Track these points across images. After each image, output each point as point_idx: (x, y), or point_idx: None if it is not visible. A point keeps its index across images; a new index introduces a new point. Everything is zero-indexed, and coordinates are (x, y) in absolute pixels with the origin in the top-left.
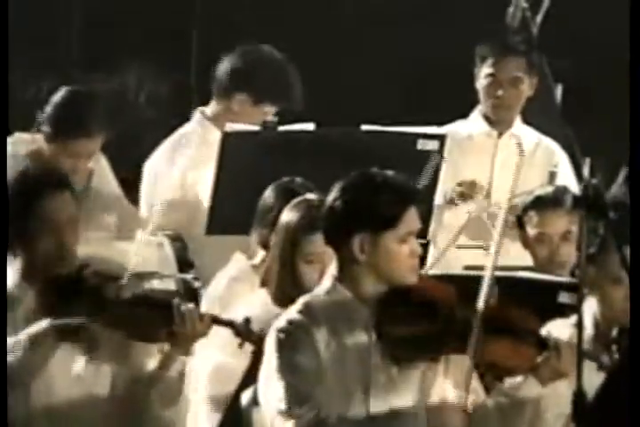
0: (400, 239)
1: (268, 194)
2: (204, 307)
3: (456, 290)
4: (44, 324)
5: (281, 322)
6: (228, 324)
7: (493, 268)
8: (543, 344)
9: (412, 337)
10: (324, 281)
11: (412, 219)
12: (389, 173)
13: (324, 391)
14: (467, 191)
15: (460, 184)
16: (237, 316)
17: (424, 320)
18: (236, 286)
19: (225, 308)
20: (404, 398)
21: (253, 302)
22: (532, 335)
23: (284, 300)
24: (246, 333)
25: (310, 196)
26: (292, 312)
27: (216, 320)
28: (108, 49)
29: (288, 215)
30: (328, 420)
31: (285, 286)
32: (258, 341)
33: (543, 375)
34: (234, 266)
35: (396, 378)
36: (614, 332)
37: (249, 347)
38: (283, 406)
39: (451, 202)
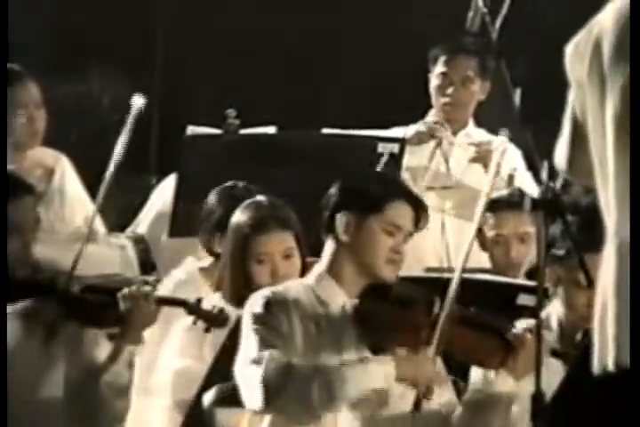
0: (384, 228)
1: (211, 199)
2: None
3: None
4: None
5: (264, 291)
6: (180, 303)
7: (462, 268)
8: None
9: (388, 328)
10: (313, 271)
11: (400, 212)
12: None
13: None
14: (480, 156)
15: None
16: (189, 322)
17: (401, 313)
18: (183, 288)
19: (167, 310)
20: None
21: None
22: (498, 330)
23: (237, 300)
24: (198, 310)
25: (260, 197)
26: (276, 287)
27: (167, 300)
28: (71, 52)
29: (238, 217)
30: (298, 365)
31: (238, 286)
32: (211, 318)
33: (517, 370)
34: (183, 269)
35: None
36: (578, 336)
37: (209, 351)
38: (254, 353)
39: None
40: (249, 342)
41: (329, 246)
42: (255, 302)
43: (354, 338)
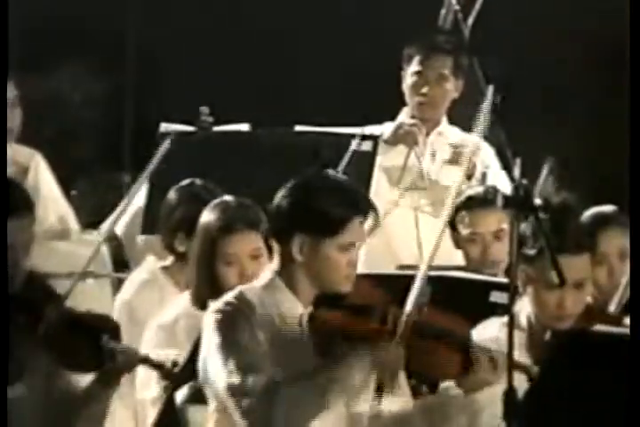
0: (340, 248)
1: (170, 197)
2: (115, 311)
3: (388, 289)
4: None
5: (218, 304)
6: (157, 366)
7: (427, 268)
8: (468, 349)
9: (345, 336)
10: (263, 273)
11: (356, 230)
12: (345, 178)
13: (270, 364)
14: (456, 158)
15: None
16: (165, 320)
17: (357, 319)
18: (146, 288)
19: (133, 311)
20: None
21: (179, 305)
22: (460, 340)
23: (202, 301)
24: (173, 377)
25: (228, 197)
26: (229, 296)
27: (145, 360)
28: (42, 48)
29: (206, 217)
30: (281, 383)
31: (204, 288)
32: (182, 382)
33: (467, 385)
34: (144, 268)
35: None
36: (547, 335)
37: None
38: (235, 379)
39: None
40: (221, 365)
41: (281, 257)
42: (214, 318)
43: (310, 348)
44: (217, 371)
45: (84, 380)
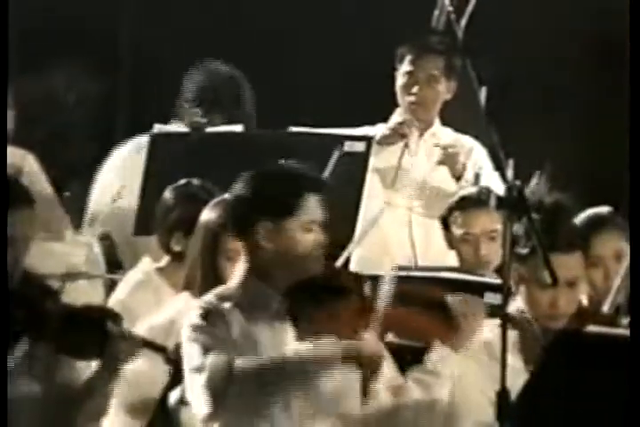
0: (302, 227)
1: (167, 197)
2: None
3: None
4: None
5: (199, 303)
6: (159, 350)
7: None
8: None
9: (325, 320)
10: (234, 274)
11: (313, 207)
12: (292, 163)
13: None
14: (446, 159)
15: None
16: (161, 321)
17: (335, 302)
18: (140, 289)
19: (128, 312)
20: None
21: (176, 306)
22: (437, 305)
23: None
24: (175, 362)
25: (229, 195)
26: (208, 296)
27: (148, 344)
28: (36, 48)
29: (208, 215)
30: (240, 367)
31: (209, 284)
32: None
33: (454, 343)
34: (139, 270)
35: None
36: (540, 335)
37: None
38: (196, 361)
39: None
40: (190, 353)
41: (248, 250)
42: (193, 315)
43: (292, 335)
44: (187, 360)
45: (85, 374)
